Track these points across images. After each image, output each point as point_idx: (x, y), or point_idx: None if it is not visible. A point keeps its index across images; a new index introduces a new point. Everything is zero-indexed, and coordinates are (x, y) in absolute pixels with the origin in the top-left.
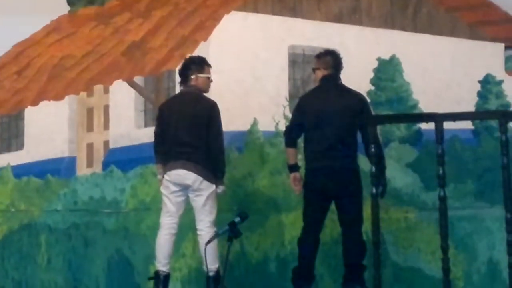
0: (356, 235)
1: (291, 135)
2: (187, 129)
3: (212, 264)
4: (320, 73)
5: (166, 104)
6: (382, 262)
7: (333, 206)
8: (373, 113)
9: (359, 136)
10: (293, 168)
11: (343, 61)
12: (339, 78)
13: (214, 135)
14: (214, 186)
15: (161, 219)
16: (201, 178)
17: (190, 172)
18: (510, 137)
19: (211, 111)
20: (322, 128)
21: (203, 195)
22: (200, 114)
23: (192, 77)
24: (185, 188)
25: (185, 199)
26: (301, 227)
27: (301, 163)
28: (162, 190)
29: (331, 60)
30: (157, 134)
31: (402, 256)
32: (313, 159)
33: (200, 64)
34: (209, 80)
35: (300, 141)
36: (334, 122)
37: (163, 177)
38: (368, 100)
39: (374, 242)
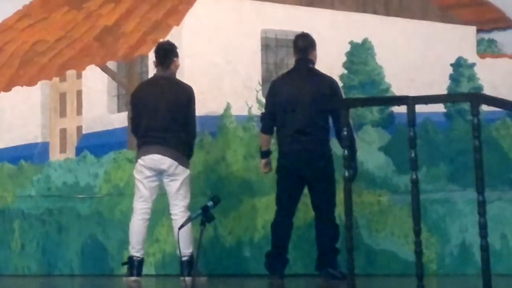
0: (329, 219)
1: (267, 121)
2: (165, 114)
3: (186, 249)
4: (294, 56)
5: (140, 89)
6: (355, 246)
7: (306, 190)
8: (344, 96)
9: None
10: (265, 154)
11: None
12: (312, 62)
13: (192, 120)
14: (188, 171)
15: (134, 204)
16: (176, 163)
17: (165, 157)
18: (482, 119)
19: (190, 96)
20: (293, 112)
21: (178, 180)
22: (180, 99)
23: (175, 60)
24: (159, 173)
25: (158, 184)
26: (275, 211)
27: (274, 147)
28: (136, 175)
29: (301, 43)
30: (133, 120)
31: (375, 240)
32: (286, 143)
33: (176, 48)
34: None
35: None
36: (305, 106)
37: (136, 160)
38: (341, 84)
39: (347, 226)
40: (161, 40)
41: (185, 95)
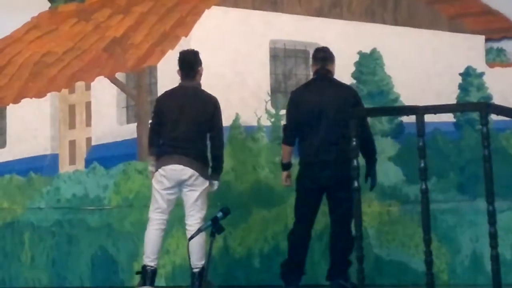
0: (347, 230)
1: (290, 132)
2: (189, 124)
3: (198, 261)
4: (313, 68)
5: (165, 96)
6: (365, 256)
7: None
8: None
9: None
10: (287, 166)
11: None
12: (331, 73)
13: (218, 131)
14: (207, 182)
15: (150, 214)
16: (197, 174)
17: (186, 168)
18: (491, 129)
19: (215, 107)
20: (319, 122)
21: (197, 190)
22: (205, 110)
23: (199, 69)
24: (179, 184)
25: (176, 197)
26: (293, 222)
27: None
28: (155, 184)
29: (321, 54)
30: (153, 126)
31: (385, 250)
32: (311, 153)
33: (199, 56)
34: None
35: None
36: (331, 115)
37: (156, 170)
38: None
39: (356, 236)
40: (169, 50)
41: (211, 105)
